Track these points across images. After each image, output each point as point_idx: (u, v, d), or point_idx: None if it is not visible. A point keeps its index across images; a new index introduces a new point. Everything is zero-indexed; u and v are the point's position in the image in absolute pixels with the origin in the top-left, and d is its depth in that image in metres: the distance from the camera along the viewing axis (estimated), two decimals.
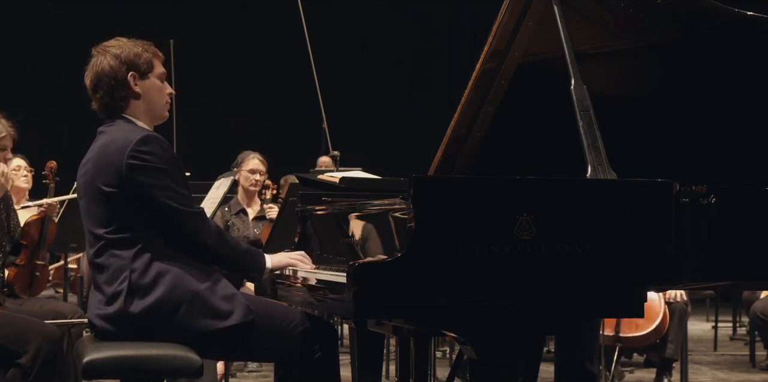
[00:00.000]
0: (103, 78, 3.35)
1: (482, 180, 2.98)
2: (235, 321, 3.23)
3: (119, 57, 3.35)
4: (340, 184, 3.77)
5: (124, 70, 3.34)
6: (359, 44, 12.81)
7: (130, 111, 3.38)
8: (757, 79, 3.60)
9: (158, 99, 3.41)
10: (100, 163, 3.27)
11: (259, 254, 3.45)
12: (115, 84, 3.34)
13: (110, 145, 3.28)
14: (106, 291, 3.23)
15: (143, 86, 3.37)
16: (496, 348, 2.92)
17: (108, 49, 3.38)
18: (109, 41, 3.42)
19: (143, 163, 3.21)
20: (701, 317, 10.31)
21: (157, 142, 3.26)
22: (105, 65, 3.35)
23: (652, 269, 3.01)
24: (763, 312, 6.26)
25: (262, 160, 6.31)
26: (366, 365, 3.82)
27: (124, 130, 3.31)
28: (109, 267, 3.23)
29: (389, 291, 2.82)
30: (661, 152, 3.64)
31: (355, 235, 3.61)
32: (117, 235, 3.23)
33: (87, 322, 3.39)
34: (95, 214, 3.28)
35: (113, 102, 3.37)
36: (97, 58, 3.39)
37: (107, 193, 3.23)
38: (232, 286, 3.32)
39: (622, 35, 3.57)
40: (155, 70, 3.40)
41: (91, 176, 3.30)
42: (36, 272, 5.16)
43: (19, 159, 5.78)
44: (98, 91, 3.38)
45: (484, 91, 3.65)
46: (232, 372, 6.32)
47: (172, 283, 3.19)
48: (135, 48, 3.38)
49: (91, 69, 3.39)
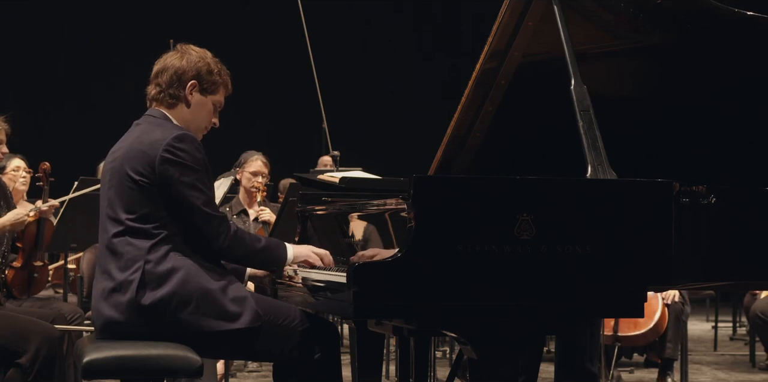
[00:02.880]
0: (169, 70, 3.40)
1: (482, 180, 2.98)
2: (242, 325, 3.23)
3: (193, 63, 3.40)
4: (340, 184, 3.77)
5: (189, 75, 3.39)
6: (359, 44, 12.81)
7: (174, 113, 3.42)
8: (757, 79, 3.60)
9: (202, 119, 3.45)
10: (132, 152, 3.30)
11: (279, 247, 3.39)
12: (175, 80, 3.39)
13: (146, 136, 3.31)
14: (116, 277, 3.24)
15: (196, 100, 3.42)
16: (496, 348, 2.92)
17: (190, 51, 3.44)
18: (196, 47, 3.47)
19: (176, 159, 3.24)
20: (701, 317, 10.32)
21: (193, 142, 3.30)
22: (177, 61, 3.41)
23: (652, 269, 3.01)
24: (763, 312, 6.26)
25: (265, 162, 6.30)
26: (366, 365, 3.82)
27: (163, 126, 3.35)
28: (123, 254, 3.24)
29: (389, 291, 2.82)
30: (661, 152, 3.64)
31: (356, 235, 3.61)
32: (138, 223, 3.24)
33: (90, 327, 3.39)
34: (120, 199, 3.28)
35: (164, 95, 3.41)
36: (176, 52, 3.45)
37: (136, 180, 3.25)
38: (245, 289, 3.32)
39: (622, 35, 3.58)
40: (215, 96, 3.45)
41: (120, 163, 3.31)
42: (34, 273, 5.16)
43: (18, 159, 5.77)
44: (157, 79, 3.42)
45: (484, 91, 3.65)
46: (232, 372, 6.32)
47: (185, 278, 3.20)
48: (213, 66, 3.43)
49: (165, 58, 3.45)
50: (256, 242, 3.35)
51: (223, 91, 3.48)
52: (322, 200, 3.89)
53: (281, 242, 3.43)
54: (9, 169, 5.67)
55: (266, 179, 6.36)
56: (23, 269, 5.11)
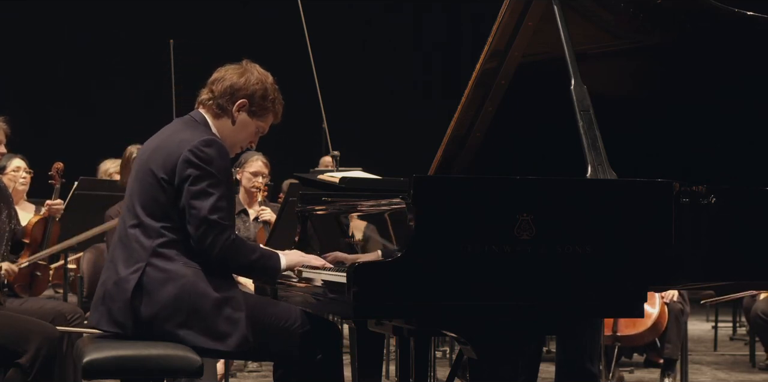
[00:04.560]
0: (225, 82, 3.40)
1: (482, 180, 2.98)
2: (227, 348, 3.23)
3: (251, 83, 3.40)
4: (340, 184, 3.77)
5: (242, 94, 3.39)
6: (359, 44, 12.81)
7: (217, 123, 3.41)
8: (757, 79, 3.60)
9: (240, 138, 3.44)
10: (160, 149, 3.32)
11: (272, 257, 3.34)
12: (227, 93, 3.39)
13: (177, 135, 3.33)
14: (119, 271, 3.26)
15: (241, 118, 3.41)
16: (496, 348, 2.92)
17: (252, 70, 3.44)
18: (261, 69, 3.46)
19: (197, 162, 3.23)
20: (701, 317, 10.31)
21: (220, 149, 3.28)
22: (235, 77, 3.41)
23: (652, 269, 3.01)
24: (763, 312, 6.26)
25: (265, 162, 6.30)
26: (366, 365, 3.82)
27: (198, 129, 3.36)
28: (130, 250, 3.26)
29: (389, 291, 2.82)
30: (661, 152, 3.64)
31: (357, 235, 3.61)
32: (150, 220, 3.25)
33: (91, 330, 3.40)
34: (140, 193, 3.31)
35: (213, 104, 3.41)
36: (239, 66, 3.44)
37: (157, 177, 3.26)
38: (243, 306, 3.25)
39: (622, 35, 3.57)
40: (261, 120, 3.44)
41: (147, 157, 3.34)
42: (37, 271, 5.16)
43: (18, 160, 5.77)
44: (212, 86, 3.42)
45: (484, 91, 3.65)
46: (232, 372, 6.32)
47: (181, 289, 3.19)
48: (269, 92, 3.43)
49: (226, 68, 3.45)
50: (251, 253, 3.29)
51: (271, 119, 3.47)
52: (322, 200, 3.89)
53: (274, 252, 3.39)
54: (9, 170, 5.67)
55: (266, 179, 6.37)
56: (27, 265, 5.11)
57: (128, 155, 5.34)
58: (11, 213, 4.83)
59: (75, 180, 5.81)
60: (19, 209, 5.26)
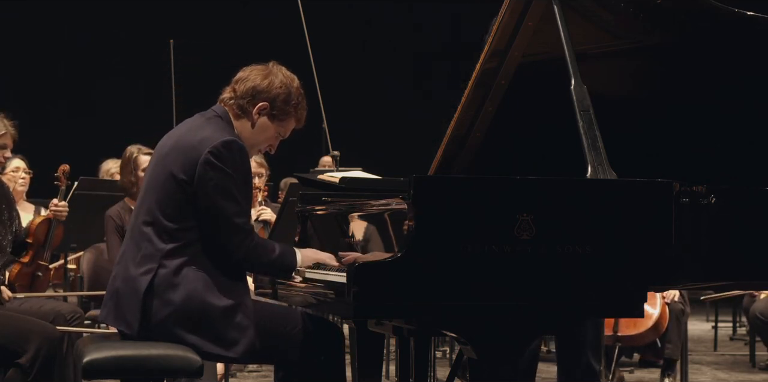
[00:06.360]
0: (248, 82, 3.36)
1: (482, 180, 2.98)
2: (234, 355, 3.22)
3: (274, 86, 3.35)
4: (340, 184, 3.77)
5: (264, 96, 3.35)
6: (359, 44, 12.81)
7: (237, 123, 3.37)
8: (757, 79, 3.60)
9: (259, 140, 3.40)
10: (180, 147, 3.27)
11: (291, 254, 3.33)
12: (249, 95, 3.34)
13: (198, 132, 3.28)
14: (129, 265, 3.23)
15: (261, 121, 3.37)
16: (496, 348, 2.92)
17: (277, 73, 3.39)
18: (288, 72, 3.42)
19: (219, 164, 3.19)
20: (701, 317, 10.31)
21: (241, 150, 3.24)
22: (259, 78, 3.36)
23: (652, 269, 3.01)
24: (763, 313, 6.26)
25: (260, 162, 6.29)
26: (366, 365, 3.82)
27: (220, 126, 3.31)
28: (142, 249, 3.22)
29: (389, 291, 2.82)
30: (661, 152, 3.64)
31: (357, 235, 3.61)
32: (165, 220, 3.21)
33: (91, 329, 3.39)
34: (156, 190, 3.26)
35: (234, 103, 3.37)
36: (264, 68, 3.40)
37: (176, 177, 3.22)
38: (252, 313, 3.24)
39: (622, 35, 3.57)
40: (282, 125, 3.40)
41: (166, 153, 3.29)
42: (38, 271, 5.16)
43: (18, 160, 5.77)
44: (236, 85, 3.38)
45: (484, 91, 3.65)
46: (232, 372, 6.32)
47: (192, 293, 3.17)
48: (292, 96, 3.38)
49: (251, 69, 3.40)
50: (271, 252, 3.28)
51: (293, 124, 3.43)
52: (322, 200, 3.89)
53: (291, 248, 3.37)
54: (9, 170, 5.67)
55: (264, 179, 6.36)
56: (29, 265, 5.11)
57: (128, 155, 5.33)
58: (13, 214, 4.82)
59: (75, 180, 5.80)
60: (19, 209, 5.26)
